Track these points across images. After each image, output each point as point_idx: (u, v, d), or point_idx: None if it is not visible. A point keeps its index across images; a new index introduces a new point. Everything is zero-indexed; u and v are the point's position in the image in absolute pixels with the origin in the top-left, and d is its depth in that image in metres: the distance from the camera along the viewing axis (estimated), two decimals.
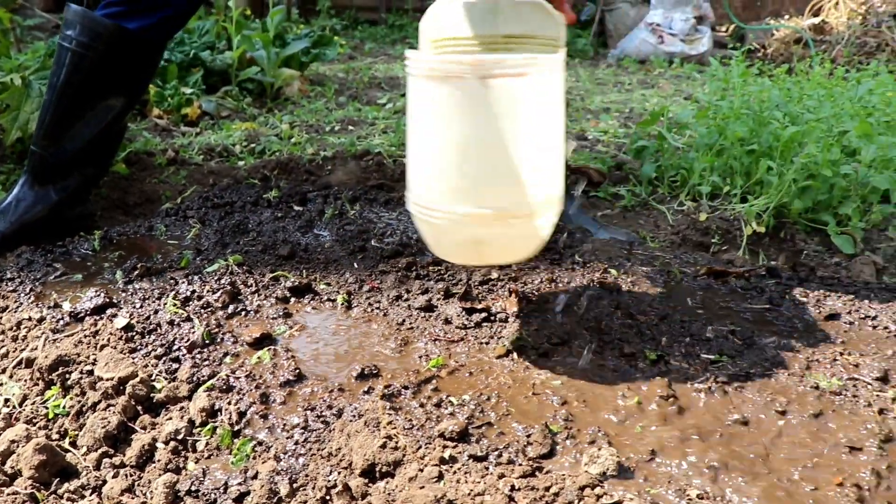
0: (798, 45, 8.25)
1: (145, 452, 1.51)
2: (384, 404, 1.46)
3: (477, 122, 1.48)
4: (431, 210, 1.55)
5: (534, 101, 1.51)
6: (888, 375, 1.65)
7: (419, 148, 1.58)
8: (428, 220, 1.57)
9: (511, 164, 1.50)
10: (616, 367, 1.62)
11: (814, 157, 2.82)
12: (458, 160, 1.50)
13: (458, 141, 1.49)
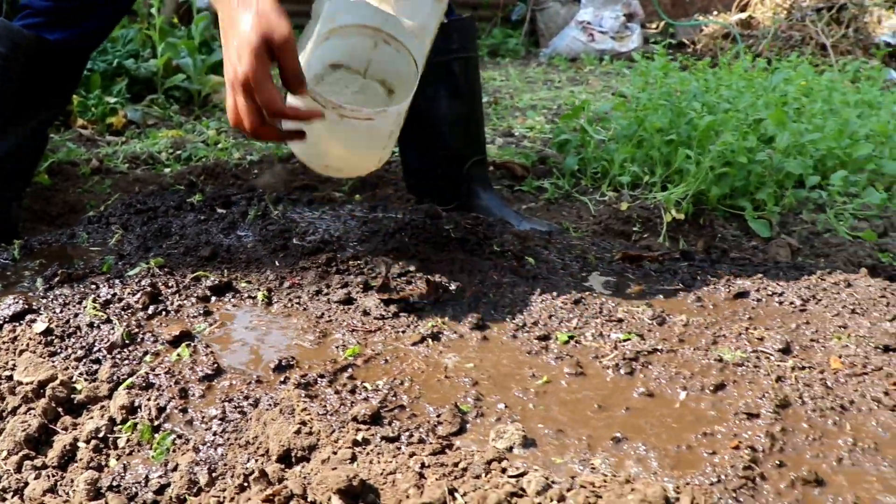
0: (726, 41, 8.40)
1: (67, 452, 1.52)
2: (299, 392, 1.49)
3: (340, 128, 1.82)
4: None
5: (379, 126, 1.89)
6: (790, 347, 1.71)
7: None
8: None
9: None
10: (529, 349, 1.67)
11: (730, 145, 2.89)
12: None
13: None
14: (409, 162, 2.78)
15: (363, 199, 2.86)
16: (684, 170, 2.97)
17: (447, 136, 2.67)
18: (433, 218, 2.40)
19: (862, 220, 3.02)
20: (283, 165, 3.25)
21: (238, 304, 1.88)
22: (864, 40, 8.25)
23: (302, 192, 2.80)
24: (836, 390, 1.56)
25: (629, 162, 3.12)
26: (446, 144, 2.67)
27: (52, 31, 2.37)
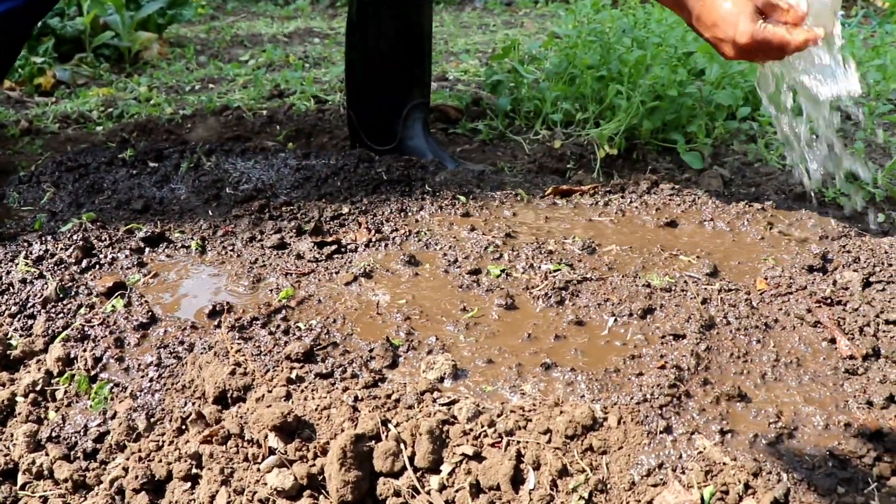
0: None
1: (5, 408, 1.53)
2: (233, 335, 1.50)
3: None
4: None
5: None
6: (717, 270, 1.75)
7: None
8: None
9: None
10: (461, 284, 1.69)
11: (660, 79, 2.92)
12: None
13: None
14: (353, 98, 2.78)
15: (296, 147, 2.85)
16: (616, 105, 2.99)
17: (394, 75, 2.67)
18: (366, 162, 2.41)
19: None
20: (216, 118, 3.23)
21: (172, 254, 1.89)
22: None
23: (235, 142, 2.79)
24: (761, 310, 1.61)
25: (561, 100, 3.14)
26: (392, 84, 2.68)
27: None
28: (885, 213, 2.61)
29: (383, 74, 2.69)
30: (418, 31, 2.69)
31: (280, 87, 3.78)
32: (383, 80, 2.69)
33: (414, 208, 2.08)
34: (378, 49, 2.65)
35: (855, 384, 1.40)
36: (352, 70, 2.77)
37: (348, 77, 2.80)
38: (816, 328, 1.55)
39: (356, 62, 2.76)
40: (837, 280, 1.72)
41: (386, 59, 2.67)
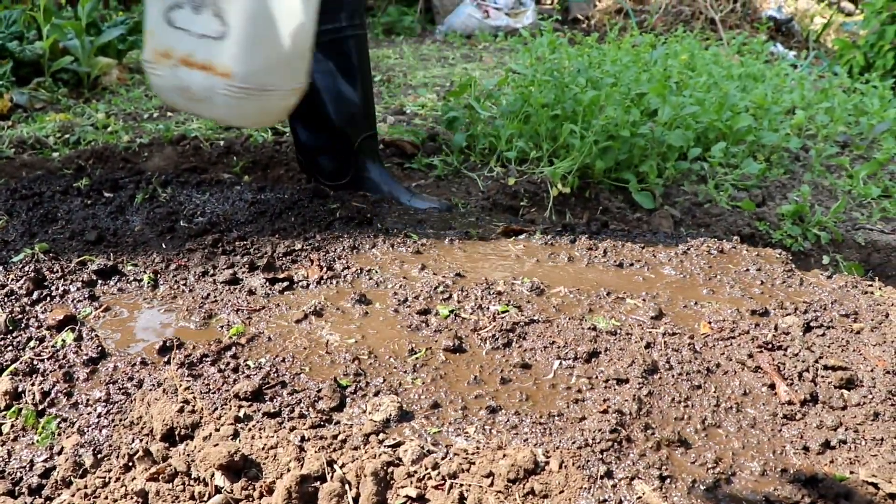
0: (619, 16, 8.53)
1: None
2: (182, 372, 1.52)
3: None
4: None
5: None
6: (663, 313, 1.79)
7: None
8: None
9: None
10: (410, 324, 1.72)
11: (613, 119, 2.97)
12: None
13: None
14: (300, 138, 2.80)
15: (252, 179, 2.87)
16: (570, 144, 3.04)
17: (337, 112, 2.69)
18: (320, 197, 2.43)
19: (742, 189, 3.13)
20: (173, 147, 3.24)
21: (124, 287, 1.89)
22: (752, 15, 8.47)
23: (191, 173, 2.80)
24: (704, 354, 1.65)
25: (516, 138, 3.18)
26: (336, 121, 2.70)
27: None
28: (830, 256, 2.67)
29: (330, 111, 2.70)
30: (355, 67, 2.72)
31: None
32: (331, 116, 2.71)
33: (366, 245, 2.10)
34: (322, 86, 2.67)
35: (792, 429, 1.45)
36: (294, 114, 2.80)
37: (292, 122, 2.82)
38: (757, 373, 1.59)
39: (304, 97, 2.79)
40: (779, 325, 1.77)
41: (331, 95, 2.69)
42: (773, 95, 4.10)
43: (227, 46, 2.05)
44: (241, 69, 2.05)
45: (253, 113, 2.17)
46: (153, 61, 2.14)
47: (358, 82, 2.71)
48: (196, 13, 2.05)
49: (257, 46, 2.06)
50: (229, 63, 2.05)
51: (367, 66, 2.76)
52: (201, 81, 2.09)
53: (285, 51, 2.07)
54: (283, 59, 2.09)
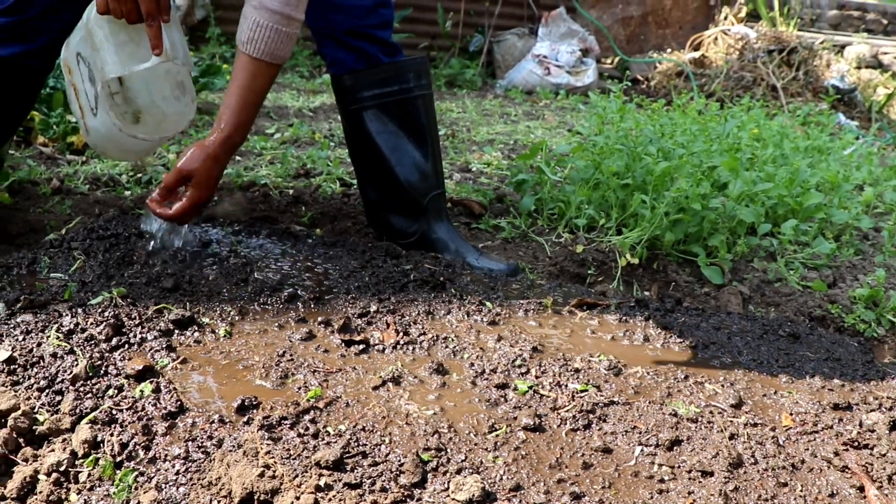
0: (679, 78, 8.54)
1: (27, 485, 1.53)
2: (263, 434, 1.51)
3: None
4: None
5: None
6: (742, 401, 1.77)
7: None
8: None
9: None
10: (488, 398, 1.70)
11: (684, 192, 2.95)
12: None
13: None
14: (369, 196, 2.82)
15: (323, 233, 2.89)
16: (639, 214, 3.03)
17: (405, 172, 2.71)
18: (393, 258, 2.44)
19: (812, 269, 3.10)
20: (242, 193, 3.27)
21: (200, 338, 1.90)
22: (814, 83, 8.44)
23: (262, 223, 2.82)
24: (788, 448, 1.62)
25: (585, 204, 3.18)
26: (404, 180, 2.71)
27: (7, 46, 2.40)
28: None
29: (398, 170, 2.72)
30: (422, 127, 2.74)
31: (307, 167, 3.83)
32: (399, 175, 2.73)
33: (441, 311, 2.10)
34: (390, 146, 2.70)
35: None
36: (362, 172, 2.83)
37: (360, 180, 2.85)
38: (844, 473, 1.56)
39: (362, 165, 2.83)
40: (864, 421, 1.74)
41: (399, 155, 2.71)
42: (843, 172, 4.07)
43: (92, 120, 2.40)
44: (93, 142, 2.52)
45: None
46: (64, 47, 2.41)
47: (426, 142, 2.74)
48: (89, 78, 2.33)
49: (107, 141, 2.47)
50: (90, 129, 2.45)
51: (434, 125, 2.78)
52: (76, 112, 2.46)
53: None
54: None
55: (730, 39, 9.01)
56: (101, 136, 2.42)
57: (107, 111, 2.34)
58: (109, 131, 2.38)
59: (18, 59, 2.43)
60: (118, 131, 2.36)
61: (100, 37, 2.25)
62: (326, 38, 2.64)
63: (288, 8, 2.18)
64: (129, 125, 2.46)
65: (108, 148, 2.52)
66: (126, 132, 2.38)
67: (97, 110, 2.34)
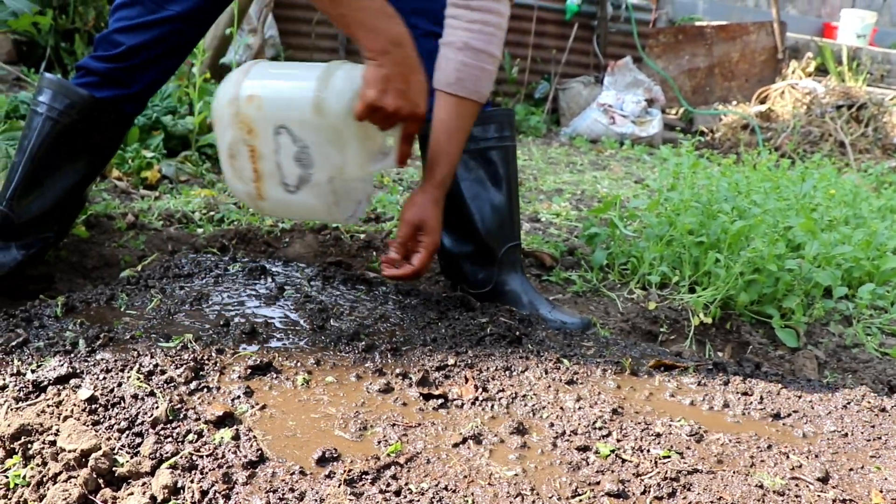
0: (745, 131, 8.49)
1: None
2: (345, 490, 1.50)
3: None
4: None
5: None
6: (828, 475, 1.73)
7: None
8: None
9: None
10: (570, 461, 1.68)
11: (760, 252, 2.92)
12: None
13: None
14: (445, 244, 2.81)
15: None
16: (713, 273, 3.00)
17: (484, 221, 2.70)
18: (468, 309, 2.43)
19: (890, 335, 3.04)
20: (314, 236, 3.29)
21: (278, 385, 1.90)
22: (883, 140, 8.35)
23: (336, 268, 2.83)
24: None
25: (658, 261, 3.15)
26: (483, 230, 2.71)
27: (105, 89, 2.46)
28: None
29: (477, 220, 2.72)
30: (502, 177, 2.73)
31: (377, 211, 3.84)
32: (477, 225, 2.72)
33: (519, 368, 2.08)
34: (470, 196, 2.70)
35: None
36: (447, 213, 2.83)
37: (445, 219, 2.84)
38: None
39: (451, 206, 2.82)
40: None
41: (479, 205, 2.71)
42: None
43: (280, 193, 2.24)
44: (269, 208, 2.34)
45: (244, 202, 2.39)
46: (244, 100, 2.16)
47: (505, 192, 2.73)
48: (294, 158, 2.17)
49: (293, 213, 2.53)
50: (269, 198, 2.27)
51: (515, 176, 2.78)
52: (245, 172, 2.24)
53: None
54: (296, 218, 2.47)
55: (797, 93, 8.95)
56: (279, 205, 2.30)
57: (317, 196, 2.22)
58: (298, 205, 2.27)
59: (116, 103, 2.49)
60: (313, 209, 2.31)
61: (348, 135, 2.14)
62: None
63: (492, 47, 2.29)
64: (335, 209, 2.29)
65: (277, 212, 2.48)
66: (335, 215, 2.30)
67: (298, 190, 2.21)
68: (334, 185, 2.21)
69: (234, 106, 2.15)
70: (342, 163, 2.15)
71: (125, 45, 2.43)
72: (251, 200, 2.30)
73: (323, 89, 2.08)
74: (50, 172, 2.50)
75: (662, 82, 9.17)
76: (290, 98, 2.13)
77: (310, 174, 2.17)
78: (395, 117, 2.07)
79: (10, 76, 5.78)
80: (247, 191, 2.27)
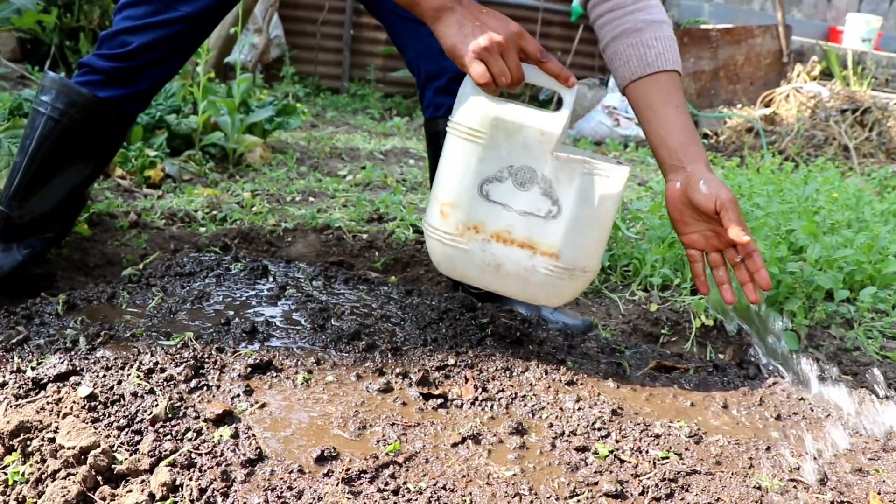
0: (749, 134, 8.48)
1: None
2: (343, 488, 1.50)
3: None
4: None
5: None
6: (826, 477, 1.72)
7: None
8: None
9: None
10: (569, 461, 1.68)
11: (762, 255, 2.91)
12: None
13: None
14: None
15: (398, 280, 2.89)
16: None
17: None
18: (469, 310, 2.43)
19: (891, 339, 3.03)
20: (316, 236, 3.29)
21: (278, 384, 1.90)
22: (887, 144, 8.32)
23: (338, 268, 2.83)
24: None
25: (660, 263, 3.15)
26: None
27: (107, 89, 2.45)
28: None
29: None
30: None
31: (379, 211, 3.85)
32: None
33: (519, 368, 2.08)
34: None
35: None
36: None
37: None
38: None
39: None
40: None
41: None
42: None
43: (556, 225, 1.99)
44: (571, 251, 2.01)
45: (567, 294, 2.10)
46: (458, 234, 2.02)
47: None
48: (520, 189, 1.99)
49: (585, 228, 2.00)
50: (558, 243, 1.99)
51: None
52: (520, 259, 2.02)
53: (604, 231, 2.04)
54: (602, 239, 2.05)
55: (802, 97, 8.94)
56: (575, 230, 2.01)
57: (573, 176, 1.97)
58: (583, 204, 1.99)
59: (119, 103, 2.48)
60: (595, 189, 1.98)
61: (509, 113, 1.96)
62: (432, 82, 2.65)
63: (664, 15, 2.20)
64: (601, 168, 2.00)
65: (588, 240, 2.05)
66: (606, 174, 1.99)
67: (557, 202, 1.99)
68: (564, 155, 1.99)
69: (446, 237, 2.07)
70: (536, 130, 1.97)
71: (132, 45, 2.42)
72: (563, 275, 2.05)
73: (459, 127, 2.00)
74: (52, 172, 2.50)
75: None
76: (455, 166, 2.02)
77: (542, 176, 2.00)
78: (501, 48, 1.92)
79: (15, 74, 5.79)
80: (544, 273, 2.05)
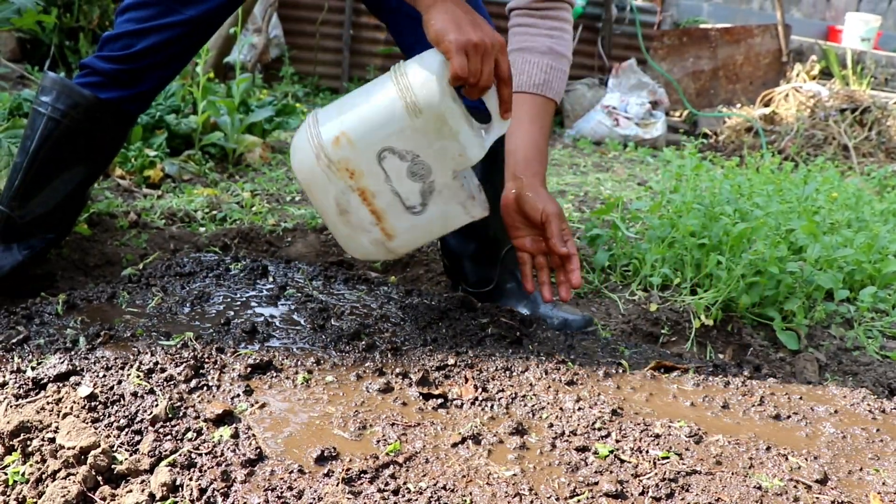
0: (749, 134, 8.47)
1: None
2: (343, 488, 1.50)
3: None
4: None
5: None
6: (827, 477, 1.72)
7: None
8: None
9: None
10: (569, 461, 1.68)
11: (761, 255, 2.92)
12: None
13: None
14: (449, 243, 2.81)
15: (398, 280, 2.89)
16: (715, 275, 2.99)
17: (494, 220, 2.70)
18: (469, 310, 2.43)
19: (891, 338, 3.03)
20: (316, 236, 3.29)
21: (278, 384, 1.90)
22: (887, 143, 8.32)
23: (338, 268, 2.83)
24: None
25: (660, 263, 3.15)
26: (486, 228, 2.70)
27: (108, 90, 2.45)
28: None
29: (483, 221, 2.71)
30: None
31: None
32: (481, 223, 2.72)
33: (519, 368, 2.08)
34: None
35: None
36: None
37: None
38: None
39: None
40: None
41: None
42: None
43: (410, 219, 2.14)
44: (404, 242, 2.21)
45: (361, 253, 2.27)
46: (336, 165, 2.05)
47: None
48: (409, 176, 2.06)
49: (427, 235, 2.22)
50: (401, 231, 2.16)
51: None
52: (364, 219, 2.13)
53: (434, 238, 2.30)
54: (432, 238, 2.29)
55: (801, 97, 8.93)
56: (412, 232, 2.18)
57: (448, 200, 2.14)
58: (432, 221, 2.17)
59: (119, 104, 2.48)
60: (449, 216, 2.19)
61: (455, 117, 2.02)
62: None
63: (569, 52, 2.49)
64: (471, 203, 2.21)
65: (414, 242, 2.24)
66: (473, 210, 2.21)
67: (426, 207, 2.13)
68: (459, 179, 2.13)
69: (323, 159, 2.04)
70: (462, 147, 2.06)
71: (135, 47, 2.41)
72: (381, 248, 2.20)
73: (406, 90, 1.99)
74: (52, 173, 2.50)
75: (666, 84, 9.15)
76: (378, 117, 2.02)
77: (431, 182, 2.09)
78: (486, 51, 1.98)
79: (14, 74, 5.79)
80: (372, 239, 2.17)
